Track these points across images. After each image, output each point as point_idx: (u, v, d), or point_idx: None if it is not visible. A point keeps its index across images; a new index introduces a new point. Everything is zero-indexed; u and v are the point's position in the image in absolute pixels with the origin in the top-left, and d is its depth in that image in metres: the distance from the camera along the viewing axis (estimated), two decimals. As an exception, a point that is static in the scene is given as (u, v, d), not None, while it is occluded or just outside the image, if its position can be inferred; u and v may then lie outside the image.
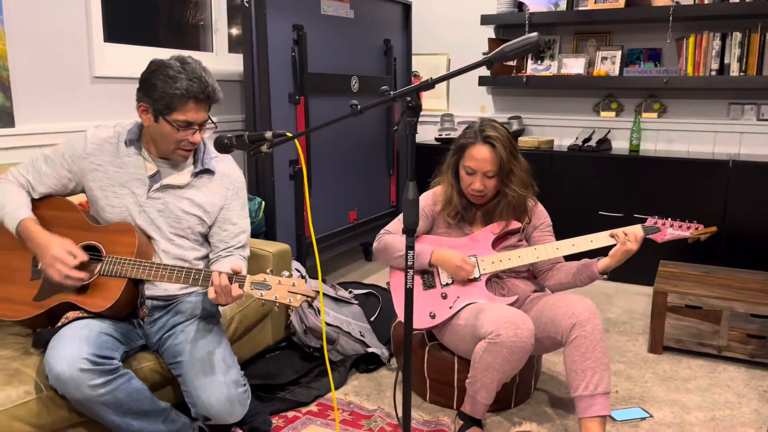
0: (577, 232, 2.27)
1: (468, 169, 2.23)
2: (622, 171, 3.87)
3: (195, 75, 1.86)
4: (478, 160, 2.20)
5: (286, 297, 1.78)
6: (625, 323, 3.30)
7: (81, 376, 1.69)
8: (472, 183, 2.23)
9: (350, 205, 3.90)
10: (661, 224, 2.10)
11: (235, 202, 2.12)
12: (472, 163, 2.21)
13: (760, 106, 3.87)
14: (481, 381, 2.07)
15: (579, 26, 4.28)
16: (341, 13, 3.64)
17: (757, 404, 2.47)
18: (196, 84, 1.86)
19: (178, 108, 1.87)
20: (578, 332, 2.03)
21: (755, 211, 3.56)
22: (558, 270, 2.30)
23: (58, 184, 2.02)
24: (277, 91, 3.18)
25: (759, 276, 3.06)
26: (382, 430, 2.24)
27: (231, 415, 1.90)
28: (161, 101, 1.86)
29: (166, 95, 1.85)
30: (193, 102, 1.88)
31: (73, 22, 2.71)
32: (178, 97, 1.85)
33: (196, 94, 1.87)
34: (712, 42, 3.73)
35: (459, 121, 4.63)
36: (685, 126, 4.08)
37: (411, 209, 1.57)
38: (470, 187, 2.24)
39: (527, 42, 1.41)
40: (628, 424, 2.31)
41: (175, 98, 1.85)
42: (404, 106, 1.53)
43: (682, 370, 2.76)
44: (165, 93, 1.85)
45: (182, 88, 1.84)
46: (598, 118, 4.31)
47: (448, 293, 2.24)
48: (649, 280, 3.82)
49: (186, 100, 1.86)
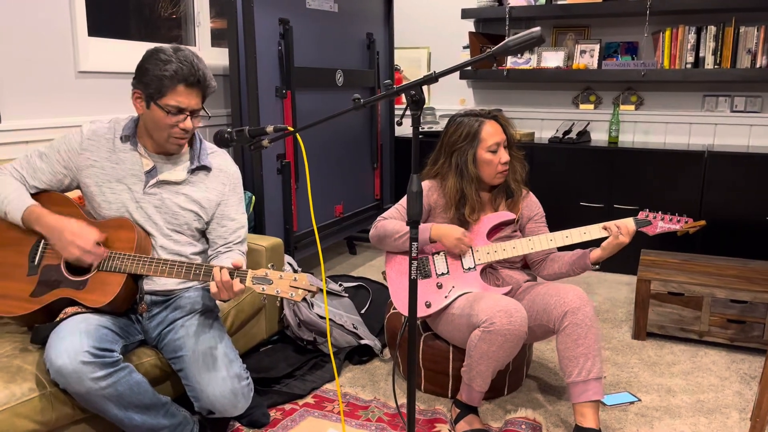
0: (559, 223, 2.32)
1: (492, 147, 2.27)
2: (601, 162, 3.95)
3: (186, 59, 1.87)
4: (496, 133, 2.27)
5: (288, 291, 1.79)
6: (608, 311, 3.38)
7: (83, 368, 1.69)
8: (500, 159, 2.27)
9: (336, 199, 3.92)
10: (652, 218, 2.16)
11: (233, 197, 2.12)
12: (494, 139, 2.26)
13: (733, 98, 3.98)
14: (476, 369, 2.12)
15: (558, 20, 4.35)
16: (325, 6, 3.65)
17: (739, 386, 2.56)
18: (186, 67, 1.86)
19: (169, 91, 1.87)
20: (570, 320, 2.08)
21: (730, 200, 3.67)
22: (552, 260, 2.35)
23: (53, 180, 2.00)
24: (264, 85, 3.18)
25: (736, 262, 3.16)
26: (380, 419, 2.27)
27: (235, 408, 1.92)
28: (152, 85, 1.87)
29: (156, 78, 1.86)
30: (184, 86, 1.88)
31: (57, 17, 2.67)
32: (168, 78, 1.85)
33: (185, 76, 1.87)
34: (687, 35, 3.83)
35: (440, 114, 4.67)
36: (661, 118, 4.18)
37: (415, 201, 1.60)
38: (500, 165, 2.28)
39: (531, 36, 1.44)
40: (617, 408, 2.38)
41: (165, 80, 1.85)
42: (408, 99, 1.55)
43: (665, 355, 2.85)
44: (155, 76, 1.86)
45: (171, 69, 1.85)
46: (578, 110, 4.39)
47: (443, 283, 2.28)
48: (629, 268, 3.93)
49: (176, 82, 1.86)
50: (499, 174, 2.30)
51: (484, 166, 2.29)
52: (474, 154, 2.29)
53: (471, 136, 2.28)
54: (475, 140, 2.28)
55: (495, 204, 2.37)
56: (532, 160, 4.11)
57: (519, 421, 2.23)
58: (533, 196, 2.44)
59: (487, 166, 2.29)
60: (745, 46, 3.70)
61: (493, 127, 2.28)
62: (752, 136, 3.98)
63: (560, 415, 2.33)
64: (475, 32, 4.44)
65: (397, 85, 1.59)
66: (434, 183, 2.38)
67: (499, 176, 2.31)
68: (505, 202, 2.38)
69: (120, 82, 2.98)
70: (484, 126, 2.27)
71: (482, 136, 2.27)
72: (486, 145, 2.26)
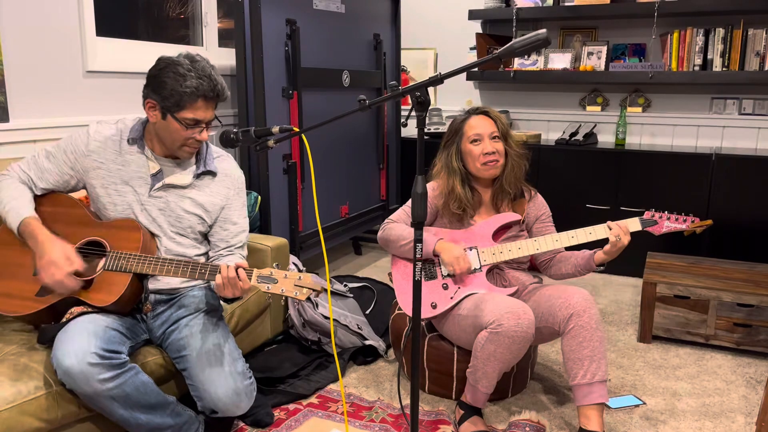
0: (566, 225, 2.32)
1: (473, 137, 2.29)
2: (608, 164, 3.94)
3: (204, 73, 1.87)
4: (479, 125, 2.30)
5: (292, 290, 1.80)
6: (614, 313, 3.37)
7: (90, 370, 1.70)
8: (482, 149, 2.28)
9: (342, 200, 3.92)
10: (658, 217, 2.16)
11: (236, 201, 2.13)
12: (474, 130, 2.29)
13: (741, 101, 3.96)
14: (482, 370, 2.11)
15: (565, 21, 4.34)
16: (332, 7, 3.65)
17: (745, 390, 2.55)
18: (205, 82, 1.87)
19: (188, 106, 1.87)
20: (575, 322, 2.08)
21: (737, 203, 3.65)
22: (558, 261, 2.35)
23: (60, 181, 2.01)
24: (271, 86, 3.18)
25: (743, 266, 3.14)
26: (383, 420, 2.27)
27: (238, 408, 1.92)
28: (170, 99, 1.86)
29: (176, 93, 1.85)
30: (203, 100, 1.89)
31: (66, 17, 2.69)
32: (188, 95, 1.85)
33: (205, 92, 1.87)
34: (695, 38, 3.81)
35: (447, 115, 4.67)
36: (669, 120, 4.17)
37: (420, 202, 1.61)
38: (482, 155, 2.28)
39: (537, 38, 1.44)
40: (622, 412, 2.37)
41: (185, 96, 1.85)
42: (413, 101, 1.56)
43: (671, 358, 2.84)
44: (175, 90, 1.85)
45: (192, 86, 1.85)
46: (584, 112, 4.38)
47: (449, 284, 2.28)
48: (635, 271, 3.91)
49: (195, 98, 1.87)
50: (484, 165, 2.30)
51: (468, 158, 2.33)
52: (458, 147, 2.34)
53: (455, 131, 2.35)
54: (458, 134, 2.34)
55: (497, 206, 2.37)
56: (539, 161, 4.10)
57: (523, 423, 2.23)
58: (540, 196, 2.43)
59: (470, 157, 2.32)
60: (754, 49, 3.68)
61: (479, 120, 2.31)
62: (760, 139, 3.96)
63: (565, 417, 2.33)
64: (482, 33, 4.44)
65: (404, 86, 1.59)
66: (440, 184, 2.39)
67: (486, 167, 2.30)
68: (509, 203, 2.37)
69: (127, 82, 2.99)
70: (469, 120, 2.33)
71: (464, 129, 2.32)
72: (467, 137, 2.31)
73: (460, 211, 2.33)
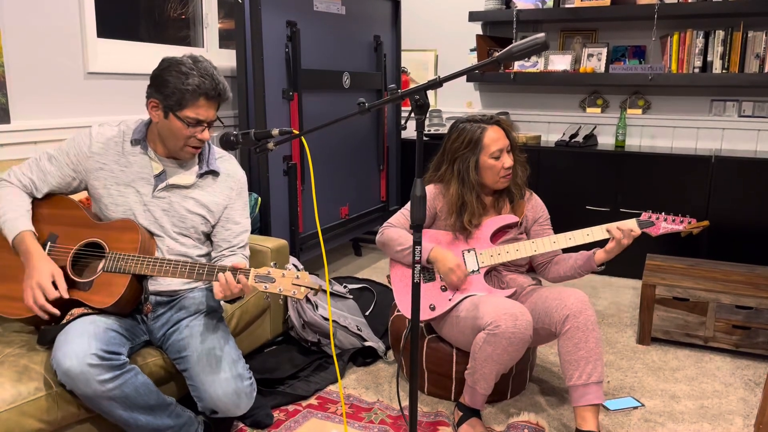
0: (565, 227, 2.32)
1: (495, 153, 2.26)
2: (608, 166, 3.95)
3: (207, 72, 1.89)
4: (499, 139, 2.27)
5: (290, 289, 1.80)
6: (613, 315, 3.38)
7: (90, 371, 1.71)
8: (503, 164, 2.27)
9: (342, 201, 3.93)
10: (655, 218, 2.16)
11: (239, 201, 2.14)
12: (497, 146, 2.26)
13: (741, 103, 3.97)
14: (480, 372, 2.12)
15: (565, 23, 4.34)
16: (333, 9, 3.66)
17: (744, 393, 2.55)
18: (207, 81, 1.88)
19: (190, 104, 1.89)
20: (571, 324, 2.09)
21: (737, 205, 3.66)
22: (557, 263, 2.36)
23: (62, 183, 2.02)
24: (272, 88, 3.19)
25: (742, 268, 3.15)
26: (382, 422, 2.28)
27: (238, 408, 1.93)
28: (173, 97, 1.88)
29: (178, 91, 1.87)
30: (204, 99, 1.90)
31: (67, 18, 2.69)
32: (190, 93, 1.87)
33: (207, 90, 1.89)
34: (695, 40, 3.82)
35: (447, 116, 4.67)
36: (668, 122, 4.17)
37: (418, 206, 1.61)
38: (503, 170, 2.28)
39: (535, 42, 1.44)
40: (621, 413, 2.38)
41: (186, 94, 1.87)
42: (413, 104, 1.56)
43: (670, 360, 2.84)
44: (177, 89, 1.87)
45: (194, 84, 1.86)
46: (584, 114, 4.39)
47: (447, 286, 2.29)
48: (634, 273, 3.92)
49: (197, 96, 1.88)
50: (502, 179, 2.30)
51: (486, 171, 2.29)
52: (476, 160, 2.29)
53: (473, 143, 2.28)
54: (477, 147, 2.28)
55: (498, 207, 2.38)
56: (539, 163, 4.11)
57: (521, 425, 2.23)
58: (537, 197, 2.44)
59: (490, 172, 2.29)
60: (753, 51, 3.69)
61: (496, 133, 2.28)
62: (760, 141, 3.96)
63: (563, 419, 2.33)
64: (482, 35, 4.45)
65: (403, 89, 1.59)
66: (440, 188, 2.39)
67: (502, 181, 2.31)
68: (508, 205, 2.38)
69: (129, 84, 3.00)
70: (486, 132, 2.27)
71: (485, 143, 2.27)
72: (489, 152, 2.27)
73: (468, 223, 2.31)
